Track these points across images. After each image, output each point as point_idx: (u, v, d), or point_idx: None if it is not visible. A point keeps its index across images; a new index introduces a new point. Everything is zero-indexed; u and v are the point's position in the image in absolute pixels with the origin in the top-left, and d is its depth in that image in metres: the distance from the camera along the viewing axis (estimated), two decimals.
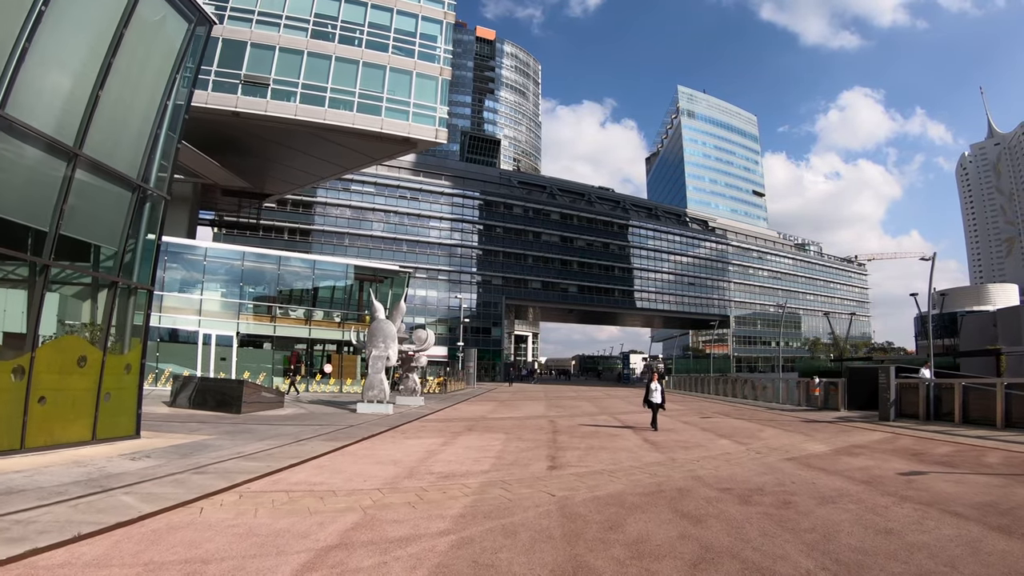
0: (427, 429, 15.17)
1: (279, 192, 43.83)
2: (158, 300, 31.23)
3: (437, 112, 31.17)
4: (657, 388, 15.35)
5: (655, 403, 15.24)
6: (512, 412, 21.69)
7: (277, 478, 8.71)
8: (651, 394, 15.31)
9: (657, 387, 15.38)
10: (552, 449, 11.46)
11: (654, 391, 15.28)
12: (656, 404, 15.24)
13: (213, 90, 31.36)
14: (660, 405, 15.34)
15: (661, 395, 15.45)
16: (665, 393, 16.00)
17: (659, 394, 15.32)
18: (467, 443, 12.41)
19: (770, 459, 10.71)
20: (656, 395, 15.28)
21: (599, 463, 9.89)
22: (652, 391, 15.30)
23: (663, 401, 15.48)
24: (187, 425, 15.43)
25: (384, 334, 20.17)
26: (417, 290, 74.22)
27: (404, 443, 12.38)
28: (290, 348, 33.69)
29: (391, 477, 8.65)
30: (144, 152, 12.66)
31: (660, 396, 15.37)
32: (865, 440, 13.73)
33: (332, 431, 14.18)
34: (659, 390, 15.35)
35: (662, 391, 15.56)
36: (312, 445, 11.90)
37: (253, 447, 11.67)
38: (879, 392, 18.33)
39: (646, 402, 15.55)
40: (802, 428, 16.33)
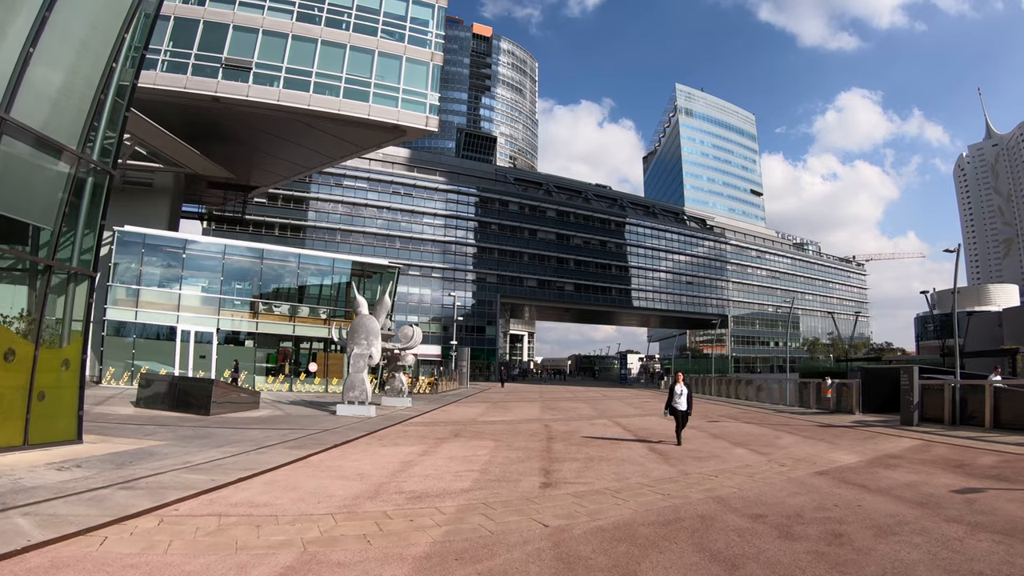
0: (408, 435, 13.68)
1: (265, 184, 42.23)
2: (134, 295, 29.79)
3: (428, 99, 29.65)
4: (683, 391, 12.35)
5: (681, 411, 12.35)
6: (504, 415, 20.22)
7: (216, 496, 7.25)
8: (675, 399, 12.33)
9: (683, 390, 12.36)
10: (546, 461, 10.00)
11: (679, 395, 12.32)
12: (683, 412, 12.38)
13: (193, 74, 29.76)
14: (687, 413, 12.47)
15: (688, 400, 12.40)
16: (692, 398, 12.83)
17: (685, 399, 12.33)
18: (450, 452, 10.95)
19: (798, 473, 9.28)
20: (682, 400, 12.31)
21: (601, 479, 8.44)
22: (677, 395, 12.33)
23: (690, 408, 12.52)
24: (144, 428, 13.96)
25: (367, 330, 18.68)
26: (410, 288, 72.66)
27: (378, 452, 10.90)
28: (274, 346, 32.13)
29: (352, 497, 7.18)
30: (86, 120, 11.19)
31: (687, 402, 12.37)
32: (895, 448, 12.34)
33: (301, 437, 12.71)
34: (685, 394, 12.36)
35: (689, 395, 12.48)
36: (273, 454, 10.43)
37: (205, 456, 10.21)
38: (901, 394, 16.95)
39: (668, 409, 12.53)
40: (821, 434, 14.91)
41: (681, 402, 12.30)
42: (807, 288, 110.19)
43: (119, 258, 29.69)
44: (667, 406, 12.55)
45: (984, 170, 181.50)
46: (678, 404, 12.31)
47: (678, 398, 12.31)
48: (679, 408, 12.29)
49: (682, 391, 12.32)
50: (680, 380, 12.53)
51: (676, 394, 12.33)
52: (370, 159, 76.90)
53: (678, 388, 12.37)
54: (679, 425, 12.39)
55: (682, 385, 12.39)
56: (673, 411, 12.36)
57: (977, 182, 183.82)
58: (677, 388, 12.39)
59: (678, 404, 12.31)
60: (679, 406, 12.29)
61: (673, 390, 12.42)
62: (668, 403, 12.52)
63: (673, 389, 12.44)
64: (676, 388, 12.39)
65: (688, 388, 12.51)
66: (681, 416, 12.32)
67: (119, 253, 29.64)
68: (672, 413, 12.43)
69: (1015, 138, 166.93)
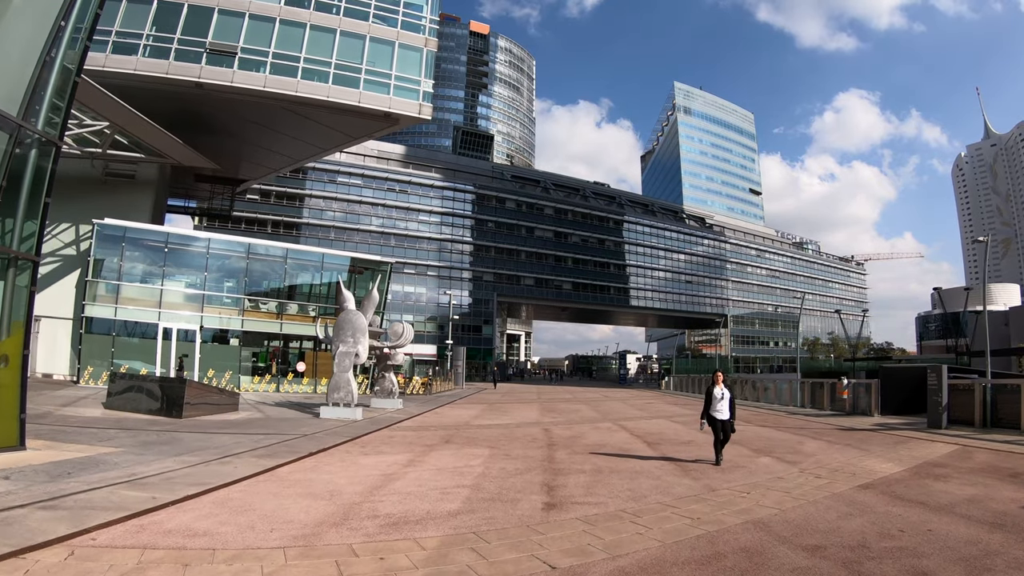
0: (394, 441, 12.37)
1: (254, 177, 40.82)
2: (113, 290, 28.45)
3: (421, 86, 28.32)
4: (724, 396, 9.98)
5: (722, 419, 9.95)
6: (500, 418, 18.92)
7: (149, 521, 5.97)
8: (714, 404, 9.95)
9: (724, 394, 10.00)
10: (548, 473, 8.71)
11: (719, 399, 9.94)
12: (724, 421, 9.96)
13: (176, 59, 28.38)
14: (730, 423, 10.04)
15: (731, 407, 10.03)
16: (735, 405, 10.35)
17: (727, 405, 9.98)
18: (439, 462, 9.66)
19: (840, 487, 8.03)
20: (723, 407, 9.94)
21: (614, 497, 7.17)
22: (716, 399, 9.95)
23: (733, 416, 10.11)
24: (104, 433, 12.65)
25: (353, 327, 17.37)
26: (406, 286, 71.32)
27: (357, 462, 9.60)
28: (260, 344, 30.78)
29: (314, 523, 5.89)
30: (28, 85, 9.90)
31: (729, 409, 10.01)
32: (933, 455, 11.12)
33: (275, 443, 11.41)
34: (727, 399, 10.00)
35: (731, 401, 10.09)
36: (236, 464, 9.13)
37: (158, 466, 8.94)
38: (928, 395, 15.73)
39: (706, 418, 10.14)
40: (845, 439, 13.67)
41: (722, 409, 9.95)
42: (807, 288, 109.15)
43: (99, 252, 28.38)
44: (704, 414, 10.22)
45: (982, 170, 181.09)
46: (718, 412, 9.99)
47: (718, 403, 9.95)
48: (719, 416, 9.98)
49: (723, 395, 9.99)
50: (719, 382, 10.15)
51: (715, 398, 9.95)
52: (364, 155, 75.57)
53: (717, 391, 10.01)
54: (719, 439, 9.99)
55: (722, 388, 10.07)
56: (712, 421, 10.09)
57: (976, 182, 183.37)
58: (716, 392, 10.02)
59: (718, 412, 9.99)
60: (719, 414, 9.98)
61: (711, 394, 10.06)
62: (705, 411, 10.14)
63: (711, 393, 10.07)
64: (715, 392, 10.02)
65: (731, 392, 10.18)
66: (722, 427, 9.99)
67: (99, 247, 28.33)
68: (711, 424, 10.13)
69: (1014, 138, 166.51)
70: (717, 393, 10.00)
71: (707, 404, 10.11)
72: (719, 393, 9.99)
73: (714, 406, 9.96)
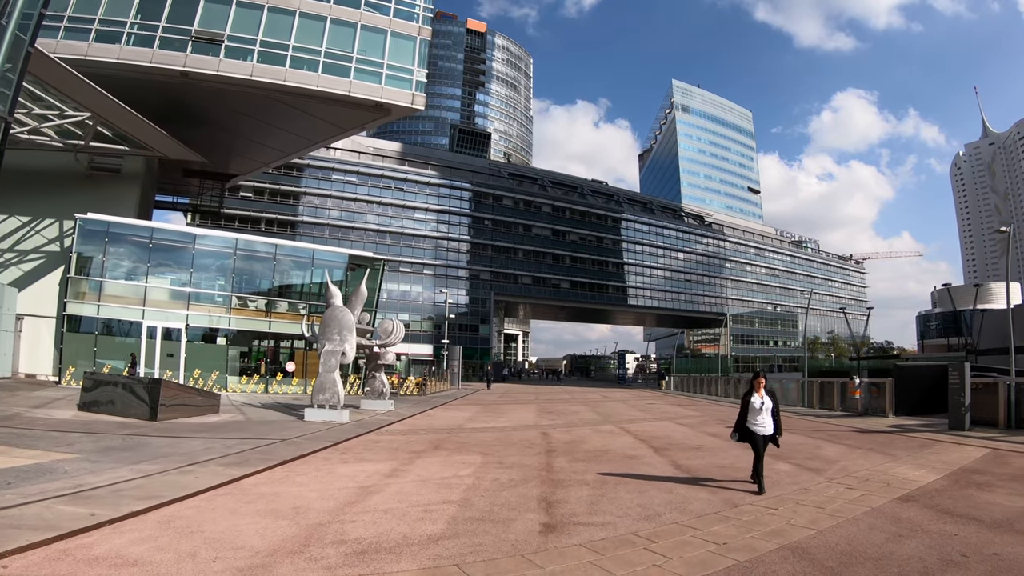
0: (379, 446, 11.39)
1: (244, 171, 39.75)
2: (96, 287, 27.47)
3: (414, 75, 27.31)
4: (766, 405, 7.90)
5: (765, 435, 7.90)
6: (496, 420, 17.95)
7: (79, 543, 5.06)
8: (753, 416, 7.93)
9: (766, 403, 7.91)
10: (547, 485, 7.74)
11: (759, 410, 7.90)
12: (767, 438, 7.92)
13: (160, 47, 27.39)
14: (774, 439, 8.01)
15: (775, 418, 7.97)
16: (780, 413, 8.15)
17: (770, 415, 7.94)
18: (425, 471, 8.70)
19: (877, 500, 7.10)
20: (766, 419, 7.91)
21: (623, 515, 6.21)
22: (755, 410, 7.91)
23: (779, 429, 8.00)
24: (66, 437, 11.71)
25: (340, 324, 16.39)
26: (401, 285, 70.33)
27: (334, 471, 8.64)
28: (248, 343, 29.78)
29: (268, 550, 4.93)
30: None
31: (773, 421, 7.95)
32: (966, 460, 10.21)
33: (249, 449, 10.44)
34: (769, 408, 7.93)
35: (775, 410, 8.00)
36: (198, 474, 8.17)
37: (111, 475, 8.01)
38: (949, 395, 14.83)
39: (741, 433, 8.07)
40: (865, 442, 12.73)
41: (764, 423, 7.85)
42: (806, 286, 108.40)
43: (81, 248, 27.36)
44: (737, 427, 8.13)
45: (981, 169, 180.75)
46: (759, 425, 7.85)
47: (758, 415, 7.87)
48: (761, 431, 7.84)
49: (764, 404, 7.87)
50: (760, 388, 7.95)
51: (755, 409, 7.89)
52: (360, 152, 74.52)
53: (756, 400, 7.88)
54: (760, 458, 7.78)
55: (763, 396, 7.90)
56: (750, 436, 7.91)
57: (974, 181, 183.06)
58: (755, 400, 7.88)
59: (759, 425, 7.85)
60: (761, 428, 7.84)
61: (749, 403, 7.94)
62: (740, 423, 8.06)
63: (749, 402, 7.95)
64: (754, 400, 7.89)
65: (774, 401, 8.02)
66: (763, 445, 7.83)
67: (81, 242, 27.30)
68: (746, 438, 7.98)
69: (1012, 137, 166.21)
70: (756, 402, 7.88)
71: (743, 415, 8.02)
72: (759, 403, 7.88)
73: (752, 418, 7.91)
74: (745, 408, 8.05)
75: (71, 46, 27.77)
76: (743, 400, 8.16)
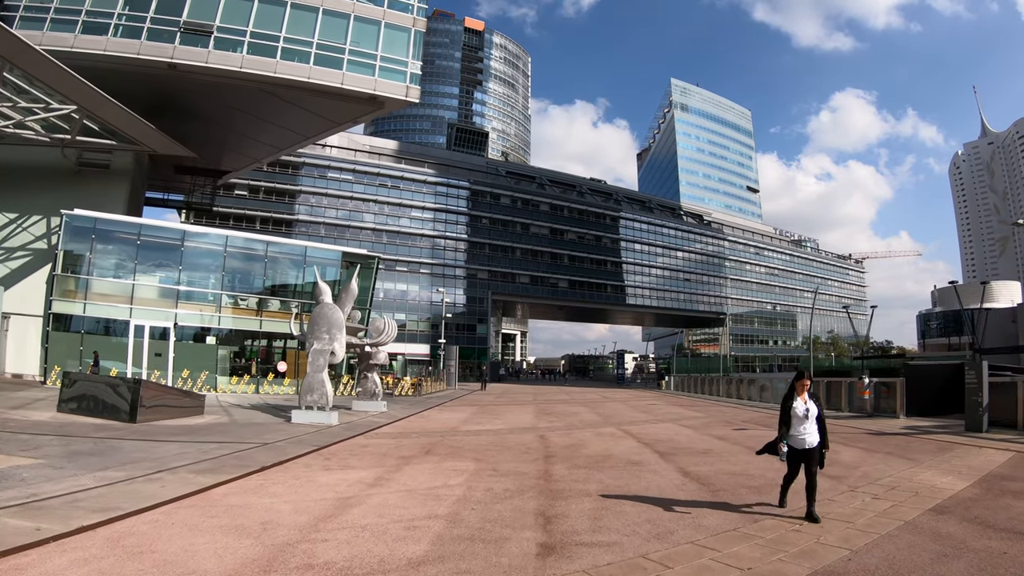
0: (367, 451, 10.69)
1: (236, 168, 38.96)
2: (83, 285, 26.77)
3: (408, 67, 26.59)
4: (810, 412, 6.37)
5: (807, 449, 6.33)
6: (492, 422, 17.25)
7: (12, 565, 4.51)
8: (795, 426, 6.38)
9: (810, 409, 6.38)
10: (544, 497, 7.03)
11: (802, 418, 6.35)
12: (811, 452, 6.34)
13: (147, 39, 26.67)
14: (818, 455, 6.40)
15: (820, 427, 6.42)
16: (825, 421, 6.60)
17: (814, 424, 6.38)
18: (412, 480, 8.00)
19: (909, 511, 6.43)
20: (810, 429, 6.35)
21: (630, 534, 5.52)
22: (798, 418, 6.36)
23: (825, 441, 6.44)
24: (37, 440, 11.06)
25: (329, 322, 15.68)
26: (398, 284, 69.61)
27: (314, 480, 7.93)
28: (238, 342, 29.05)
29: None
30: None
31: (819, 430, 6.40)
32: (992, 465, 9.55)
33: (227, 454, 9.74)
34: (814, 415, 6.38)
35: (820, 417, 6.44)
36: (165, 483, 7.48)
37: (72, 483, 7.37)
38: (966, 395, 14.18)
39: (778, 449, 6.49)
40: (882, 445, 12.05)
41: (808, 432, 6.29)
42: (805, 285, 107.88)
43: (67, 245, 26.67)
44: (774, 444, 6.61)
45: (980, 168, 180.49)
46: (802, 436, 6.30)
47: (800, 424, 6.32)
48: (803, 444, 6.30)
49: (808, 411, 6.33)
50: (803, 392, 6.45)
51: (797, 416, 6.33)
52: (356, 150, 73.78)
53: (799, 406, 6.36)
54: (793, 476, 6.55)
55: (806, 401, 6.38)
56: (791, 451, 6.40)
57: (973, 180, 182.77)
58: (798, 405, 6.36)
59: (802, 436, 6.30)
60: (803, 439, 6.30)
61: (791, 408, 6.38)
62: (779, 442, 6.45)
63: (791, 407, 6.39)
64: (796, 406, 6.36)
65: (819, 406, 6.46)
66: (805, 459, 6.32)
67: (67, 239, 26.61)
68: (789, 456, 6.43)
69: (1011, 136, 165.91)
70: (799, 408, 6.33)
71: (783, 425, 6.41)
72: (802, 408, 6.33)
73: (794, 427, 6.33)
74: (786, 414, 6.39)
75: (57, 38, 27.07)
76: (783, 406, 6.52)
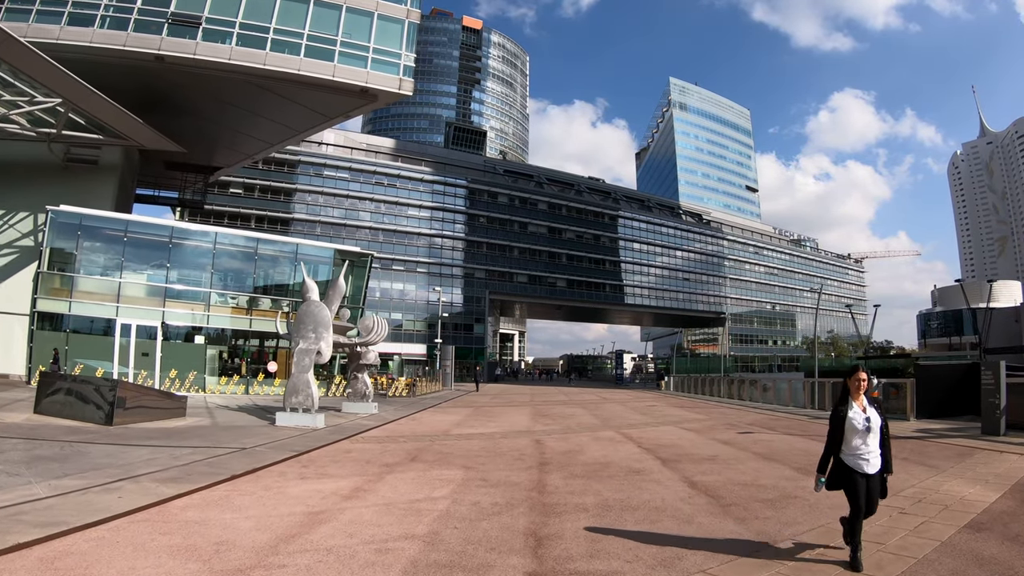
0: (349, 457, 9.99)
1: (228, 164, 38.21)
2: (69, 283, 26.10)
3: (402, 59, 25.88)
4: (872, 424, 4.64)
5: (869, 473, 4.65)
6: (485, 425, 16.57)
7: None
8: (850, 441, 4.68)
9: (873, 420, 4.65)
10: (537, 512, 6.32)
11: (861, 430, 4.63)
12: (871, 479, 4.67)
13: (134, 30, 25.99)
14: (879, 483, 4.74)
15: (883, 444, 4.71)
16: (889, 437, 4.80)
17: (876, 441, 4.66)
18: (393, 492, 7.30)
19: (942, 529, 5.76)
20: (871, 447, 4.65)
21: (633, 559, 4.83)
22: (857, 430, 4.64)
23: (888, 463, 4.75)
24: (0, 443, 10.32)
25: (315, 321, 14.99)
26: (395, 283, 68.90)
27: (285, 491, 7.24)
28: (228, 342, 28.36)
29: None
30: None
31: (881, 448, 4.70)
32: (1019, 473, 8.88)
33: (199, 460, 9.05)
34: (877, 426, 4.66)
35: (884, 429, 4.72)
36: (123, 493, 6.80)
37: (22, 493, 6.93)
38: (983, 396, 13.53)
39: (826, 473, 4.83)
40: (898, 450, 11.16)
41: (868, 452, 4.66)
42: (805, 285, 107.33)
43: (53, 242, 26.01)
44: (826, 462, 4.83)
45: (978, 168, 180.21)
46: (860, 457, 4.66)
47: (858, 437, 4.66)
48: (862, 468, 4.66)
49: (870, 422, 4.66)
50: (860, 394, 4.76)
51: (855, 428, 4.66)
52: (352, 148, 73.07)
53: (857, 416, 4.68)
54: (859, 512, 4.66)
55: (865, 407, 4.74)
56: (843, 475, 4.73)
57: (971, 180, 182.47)
58: (855, 415, 4.69)
59: (860, 457, 4.66)
60: (864, 459, 4.66)
61: (846, 420, 4.69)
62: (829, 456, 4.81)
63: (845, 416, 4.70)
64: (853, 415, 4.69)
65: (882, 414, 4.81)
66: (866, 489, 4.67)
67: (53, 236, 25.95)
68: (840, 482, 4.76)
69: (1010, 135, 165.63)
70: (858, 419, 4.61)
71: (833, 443, 4.72)
72: (861, 420, 4.61)
73: (849, 444, 4.63)
74: (838, 428, 4.62)
75: (42, 29, 26.40)
76: (834, 415, 4.69)
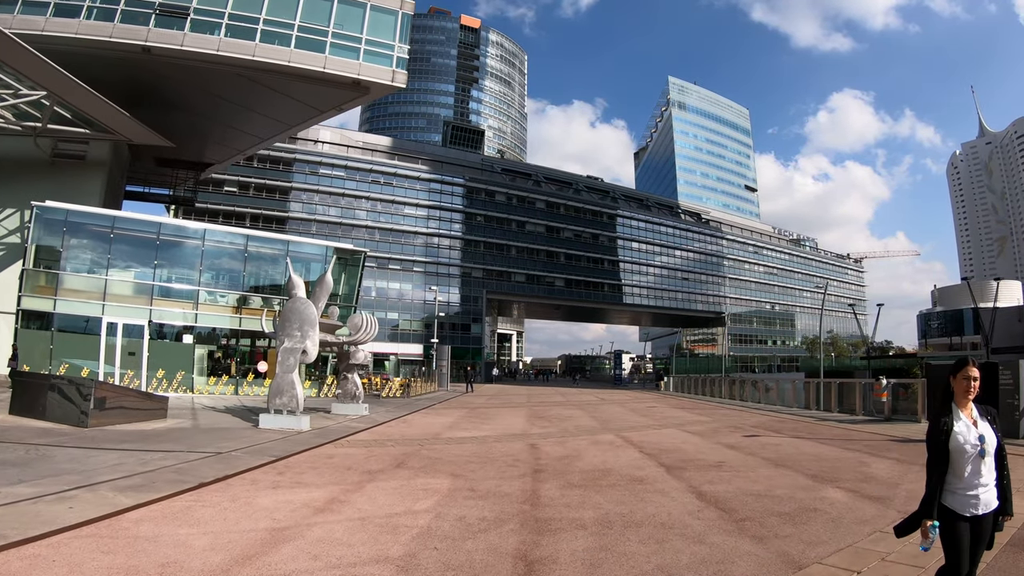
0: (330, 463, 9.32)
1: (219, 160, 37.50)
2: (53, 280, 25.42)
3: (395, 51, 25.22)
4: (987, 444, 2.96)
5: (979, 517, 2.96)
6: (479, 428, 15.91)
7: None
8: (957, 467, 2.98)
9: (988, 440, 2.97)
10: (529, 529, 5.64)
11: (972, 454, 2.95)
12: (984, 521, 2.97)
13: (121, 21, 25.33)
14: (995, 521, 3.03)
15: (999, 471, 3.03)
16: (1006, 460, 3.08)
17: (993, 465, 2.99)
18: (371, 503, 6.64)
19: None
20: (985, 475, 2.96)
21: None
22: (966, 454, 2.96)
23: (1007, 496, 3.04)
24: None
25: (301, 318, 14.33)
26: (391, 283, 68.24)
27: (253, 502, 6.58)
28: (217, 341, 27.68)
29: None
30: None
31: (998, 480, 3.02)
32: None
33: (168, 466, 8.38)
34: (992, 449, 2.98)
35: (1000, 447, 3.02)
36: (77, 502, 6.13)
37: None
38: (1000, 398, 12.90)
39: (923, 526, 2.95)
40: (915, 455, 10.70)
41: (986, 482, 3.00)
42: (804, 285, 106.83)
43: (38, 238, 25.32)
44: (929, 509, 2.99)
45: (978, 168, 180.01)
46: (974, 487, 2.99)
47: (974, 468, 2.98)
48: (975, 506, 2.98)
49: (983, 441, 2.99)
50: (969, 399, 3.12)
51: (962, 450, 2.99)
52: (348, 146, 72.42)
53: (966, 429, 3.03)
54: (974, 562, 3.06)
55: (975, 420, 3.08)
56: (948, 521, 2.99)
57: (971, 180, 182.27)
58: (962, 428, 3.03)
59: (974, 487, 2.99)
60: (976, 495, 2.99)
61: (950, 437, 3.00)
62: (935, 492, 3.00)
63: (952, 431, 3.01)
64: (959, 429, 3.02)
65: (996, 428, 3.09)
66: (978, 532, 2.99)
67: (39, 233, 25.27)
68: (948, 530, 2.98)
69: (1009, 136, 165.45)
70: (967, 437, 3.02)
71: (938, 475, 3.02)
72: (973, 437, 3.02)
73: (956, 470, 3.02)
74: (939, 448, 3.03)
75: (27, 21, 25.77)
76: (934, 432, 3.09)
